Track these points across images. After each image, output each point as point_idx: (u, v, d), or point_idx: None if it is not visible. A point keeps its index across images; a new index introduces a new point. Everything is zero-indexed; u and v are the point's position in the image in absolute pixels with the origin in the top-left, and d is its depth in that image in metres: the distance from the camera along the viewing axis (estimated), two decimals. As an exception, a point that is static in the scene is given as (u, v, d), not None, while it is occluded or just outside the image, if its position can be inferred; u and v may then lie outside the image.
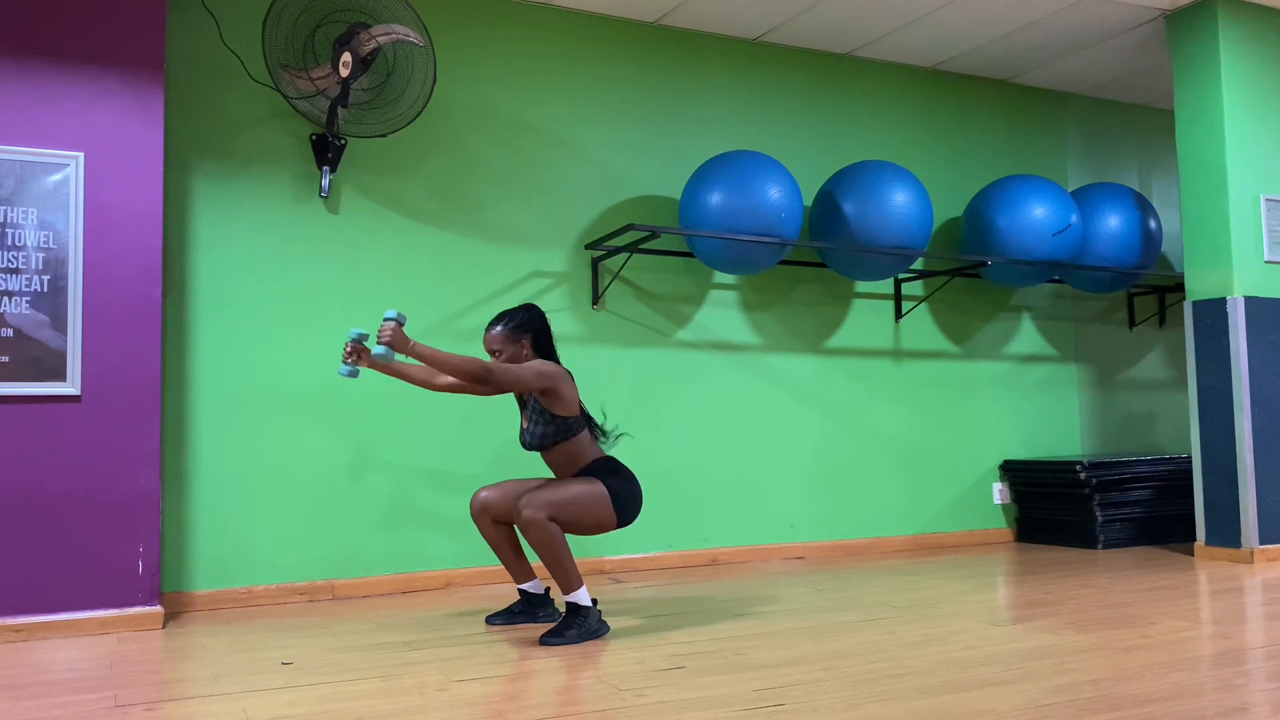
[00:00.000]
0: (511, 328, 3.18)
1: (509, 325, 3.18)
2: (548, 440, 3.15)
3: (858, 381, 5.07)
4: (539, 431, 3.15)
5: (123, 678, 2.66)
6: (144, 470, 3.39)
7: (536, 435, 3.16)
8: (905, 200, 4.58)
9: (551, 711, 2.26)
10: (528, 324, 3.20)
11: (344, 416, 4.01)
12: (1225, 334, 4.49)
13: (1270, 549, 4.42)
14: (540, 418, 3.15)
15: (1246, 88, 4.61)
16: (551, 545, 2.97)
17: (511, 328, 3.18)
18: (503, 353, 3.17)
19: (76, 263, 3.35)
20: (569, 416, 3.14)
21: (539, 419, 3.15)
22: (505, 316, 3.20)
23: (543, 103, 4.49)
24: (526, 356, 3.19)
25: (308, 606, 3.75)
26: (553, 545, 2.97)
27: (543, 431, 3.15)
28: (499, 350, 3.17)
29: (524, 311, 3.21)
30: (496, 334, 3.17)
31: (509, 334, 3.17)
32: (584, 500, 3.04)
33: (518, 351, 3.18)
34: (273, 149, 3.98)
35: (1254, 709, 2.18)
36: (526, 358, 3.18)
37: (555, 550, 2.98)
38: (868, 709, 2.24)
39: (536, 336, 3.21)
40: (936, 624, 3.18)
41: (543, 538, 2.96)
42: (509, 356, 3.17)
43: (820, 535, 4.91)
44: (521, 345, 3.18)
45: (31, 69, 3.35)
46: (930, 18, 4.73)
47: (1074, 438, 5.63)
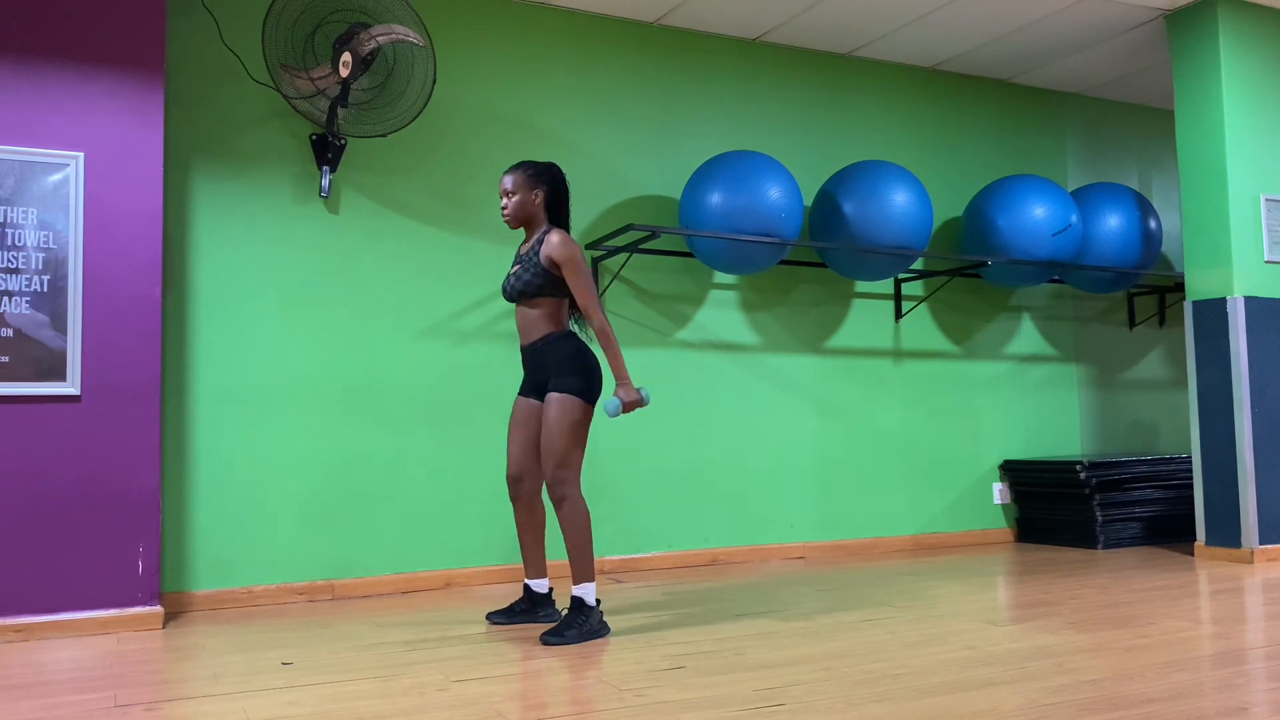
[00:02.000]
0: (530, 174, 3.22)
1: (529, 172, 3.23)
2: (530, 288, 3.16)
3: (858, 381, 5.07)
4: (526, 278, 3.16)
5: (123, 678, 2.66)
6: (144, 470, 3.39)
7: (522, 281, 3.17)
8: (905, 200, 4.58)
9: (552, 711, 2.26)
10: (546, 176, 3.24)
11: (344, 416, 4.01)
12: (1225, 334, 4.49)
13: (1270, 549, 4.42)
14: (534, 268, 3.16)
15: (1246, 88, 4.61)
16: (580, 530, 3.06)
17: (530, 174, 3.22)
18: (514, 195, 3.21)
19: (76, 262, 3.35)
20: (562, 280, 3.16)
21: (533, 269, 3.16)
22: (528, 163, 3.24)
23: (543, 102, 4.49)
24: (535, 205, 3.22)
25: (308, 606, 3.75)
26: (581, 530, 3.06)
27: (529, 279, 3.16)
28: (511, 191, 3.21)
29: (546, 166, 3.26)
30: (515, 176, 3.22)
31: (526, 179, 3.21)
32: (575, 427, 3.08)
33: (529, 198, 3.22)
34: (273, 149, 3.98)
35: (1254, 709, 2.18)
36: (535, 207, 3.22)
37: (582, 535, 3.06)
38: (868, 709, 2.24)
39: (551, 192, 3.24)
40: (936, 624, 3.18)
41: (574, 519, 3.05)
42: (520, 200, 3.21)
43: (820, 535, 4.91)
44: (534, 194, 3.22)
45: (31, 69, 3.35)
46: (930, 18, 4.73)
47: (1074, 438, 5.63)
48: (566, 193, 3.28)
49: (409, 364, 4.13)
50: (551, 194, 3.25)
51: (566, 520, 3.06)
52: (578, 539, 3.06)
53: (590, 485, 4.40)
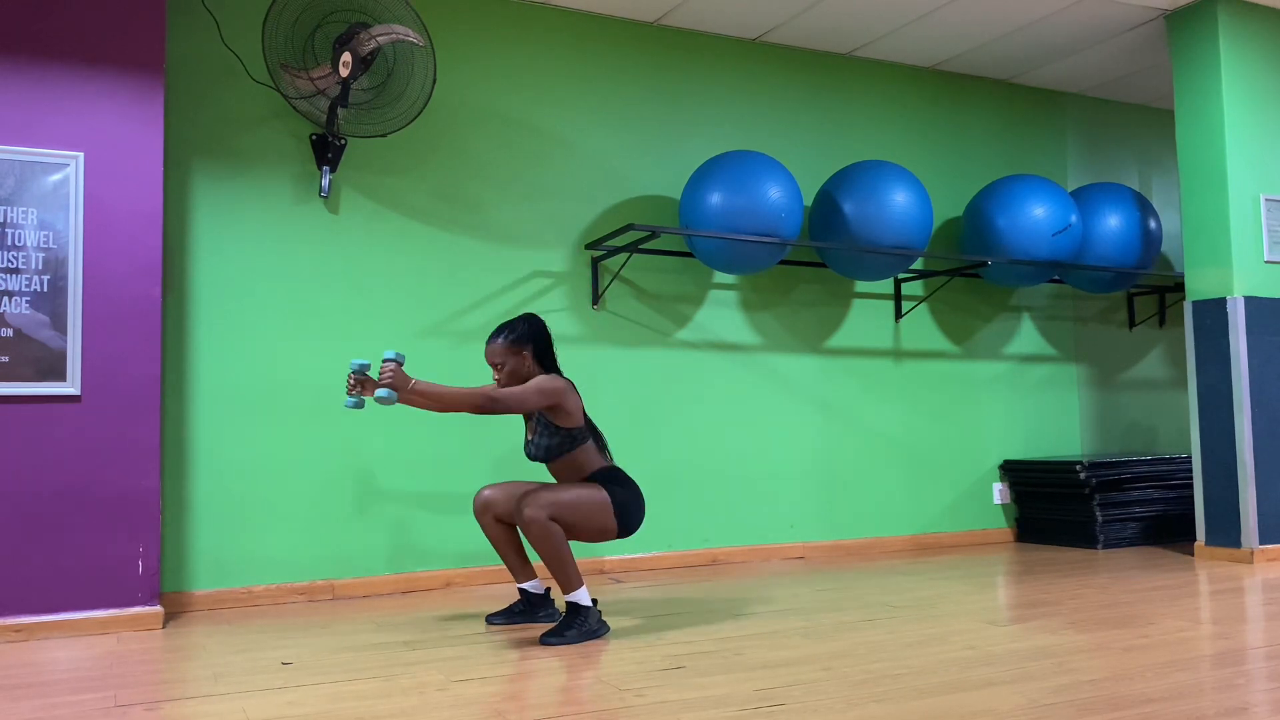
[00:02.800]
0: (512, 340, 3.16)
1: (510, 338, 3.16)
2: (553, 452, 3.14)
3: (858, 381, 5.07)
4: (543, 444, 3.15)
5: (123, 678, 2.66)
6: (144, 470, 3.39)
7: (541, 447, 3.16)
8: (905, 200, 4.58)
9: (551, 711, 2.26)
10: (528, 335, 3.18)
11: (344, 416, 4.01)
12: (1225, 334, 4.49)
13: (1270, 549, 4.42)
14: (545, 430, 3.14)
15: (1246, 88, 4.61)
16: (552, 544, 2.97)
17: (512, 340, 3.16)
18: (504, 365, 3.16)
19: (76, 263, 3.35)
20: (573, 428, 3.13)
21: (543, 431, 3.15)
22: (505, 329, 3.18)
23: (543, 102, 4.49)
24: (528, 367, 3.17)
25: (308, 606, 3.75)
26: (553, 544, 2.97)
27: (547, 444, 3.14)
28: (500, 363, 3.16)
29: (524, 323, 3.20)
30: (497, 347, 3.16)
31: (509, 346, 3.16)
32: (586, 504, 3.04)
33: (519, 363, 3.16)
34: (273, 149, 3.98)
35: (1254, 709, 2.18)
36: (528, 368, 3.17)
37: (556, 549, 2.98)
38: (868, 709, 2.24)
39: (537, 346, 3.19)
40: (936, 624, 3.18)
41: (543, 537, 2.96)
42: (511, 368, 3.16)
43: (820, 535, 4.91)
44: (523, 357, 3.17)
45: (31, 69, 3.35)
46: (930, 18, 4.73)
47: (1074, 438, 5.63)
48: (549, 339, 3.23)
49: (409, 364, 4.13)
50: (537, 347, 3.19)
51: (537, 540, 2.97)
52: (554, 555, 2.98)
53: (590, 485, 4.40)
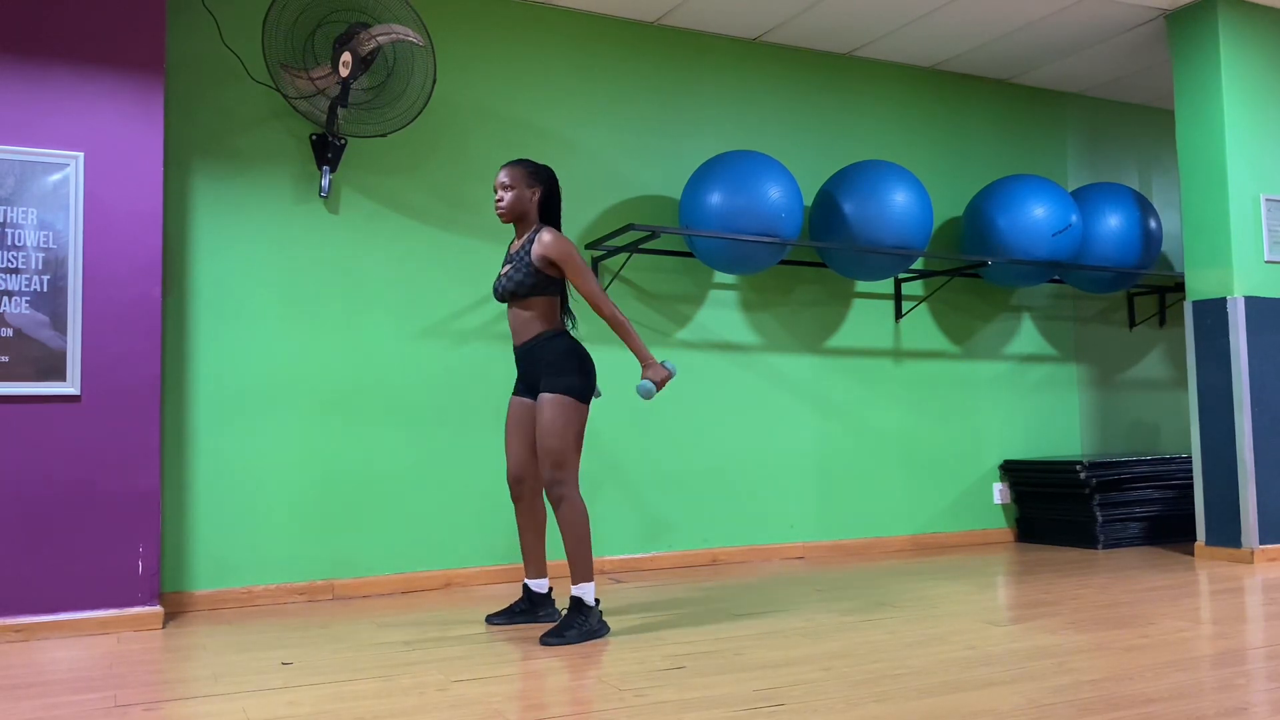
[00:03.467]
0: (529, 171, 3.24)
1: (527, 168, 3.24)
2: (522, 288, 3.15)
3: (858, 381, 5.07)
4: (518, 278, 3.16)
5: (123, 678, 2.66)
6: (144, 470, 3.39)
7: (514, 281, 3.16)
8: (905, 200, 4.58)
9: (552, 711, 2.26)
10: (544, 176, 3.26)
11: (344, 415, 4.01)
12: (1225, 334, 4.49)
13: (1270, 549, 4.42)
14: (526, 268, 3.15)
15: (1246, 88, 4.61)
16: (579, 530, 3.06)
17: (529, 171, 3.24)
18: (512, 189, 3.21)
19: (76, 263, 3.35)
20: (556, 279, 3.17)
21: (524, 268, 3.15)
22: (526, 161, 3.26)
23: (542, 102, 4.49)
24: (529, 203, 3.22)
25: (308, 606, 3.75)
26: (580, 530, 3.06)
27: (520, 279, 3.15)
28: (509, 184, 3.22)
29: (545, 168, 3.27)
30: (516, 171, 3.22)
31: (524, 175, 3.22)
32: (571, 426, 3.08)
33: (523, 194, 3.22)
34: (273, 149, 3.98)
35: (1254, 709, 2.18)
36: (528, 204, 3.22)
37: (580, 536, 3.06)
38: (868, 709, 2.24)
39: (545, 193, 3.25)
40: (936, 624, 3.18)
41: (573, 519, 3.06)
42: (516, 195, 3.21)
43: (820, 535, 4.91)
44: (531, 192, 3.23)
45: (31, 69, 3.35)
46: (930, 18, 4.73)
47: (1074, 438, 5.63)
48: (559, 198, 3.29)
49: (409, 363, 4.13)
50: (546, 194, 3.25)
51: (565, 521, 3.06)
52: (576, 539, 3.06)
53: (591, 485, 4.40)
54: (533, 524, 3.33)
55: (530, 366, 3.20)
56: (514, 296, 3.19)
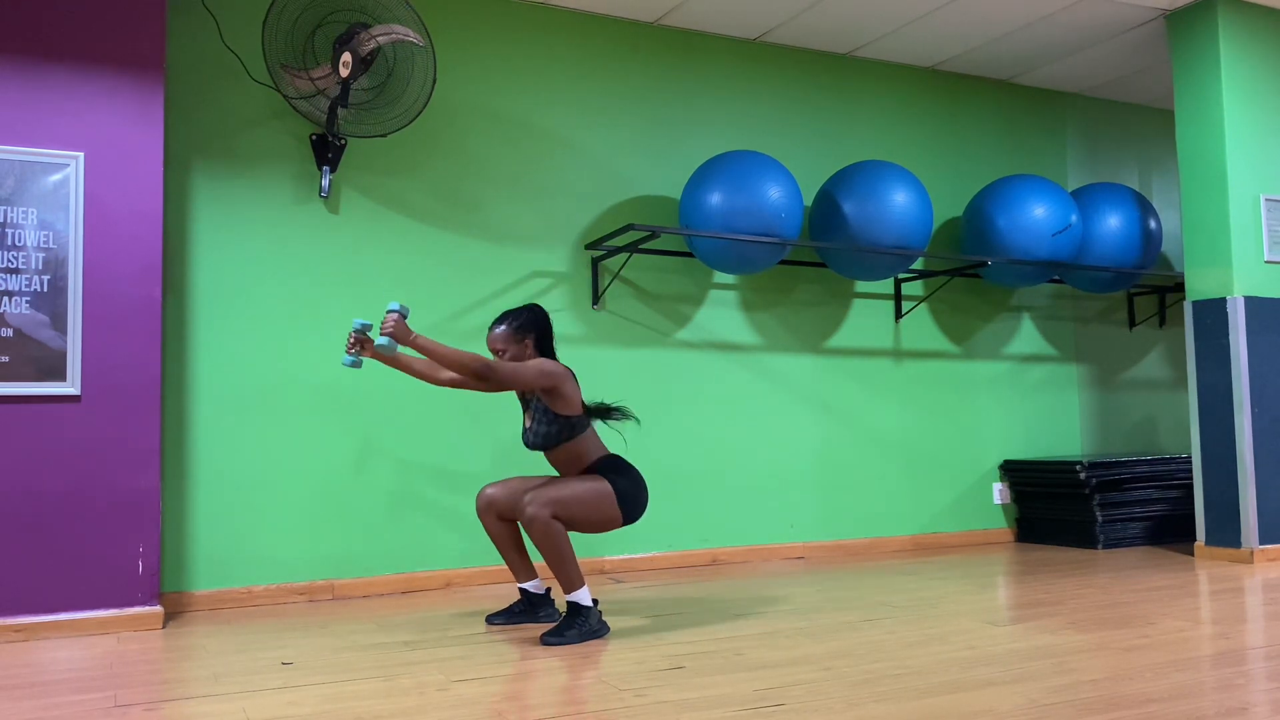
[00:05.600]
0: (515, 327, 3.17)
1: (513, 325, 3.17)
2: (551, 440, 3.15)
3: (858, 381, 5.07)
4: (542, 431, 3.15)
5: (123, 678, 2.66)
6: (144, 470, 3.39)
7: (540, 435, 3.16)
8: (905, 200, 4.58)
9: (552, 711, 2.26)
10: (531, 324, 3.19)
11: (344, 415, 4.01)
12: (1225, 334, 4.49)
13: (1270, 549, 4.42)
14: (544, 417, 3.14)
15: (1246, 88, 4.61)
16: (555, 543, 2.98)
17: (515, 327, 3.17)
18: (506, 352, 3.16)
19: (76, 263, 3.35)
20: (572, 415, 3.14)
21: (542, 418, 3.15)
22: (509, 316, 3.19)
23: (543, 102, 4.49)
24: (529, 356, 3.18)
25: (308, 606, 3.75)
26: (556, 543, 2.98)
27: (545, 431, 3.14)
28: (502, 350, 3.16)
29: (528, 311, 3.21)
30: (500, 333, 3.17)
31: (512, 333, 3.16)
32: (589, 497, 3.04)
33: (521, 351, 3.17)
34: (273, 149, 3.98)
35: (1254, 709, 2.18)
36: (529, 358, 3.18)
37: (558, 548, 2.98)
38: (868, 709, 2.24)
39: (540, 337, 3.20)
40: (936, 624, 3.18)
41: (546, 535, 2.97)
42: (512, 356, 3.16)
43: (820, 535, 4.91)
44: (525, 345, 3.17)
45: (31, 69, 3.35)
46: (930, 18, 4.73)
47: (1074, 438, 5.63)
48: (550, 329, 3.24)
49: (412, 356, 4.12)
50: (539, 338, 3.21)
51: (540, 538, 2.98)
52: (556, 553, 2.99)
53: (590, 485, 4.40)
54: (506, 534, 3.29)
55: None
56: (547, 449, 3.19)
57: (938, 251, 5.24)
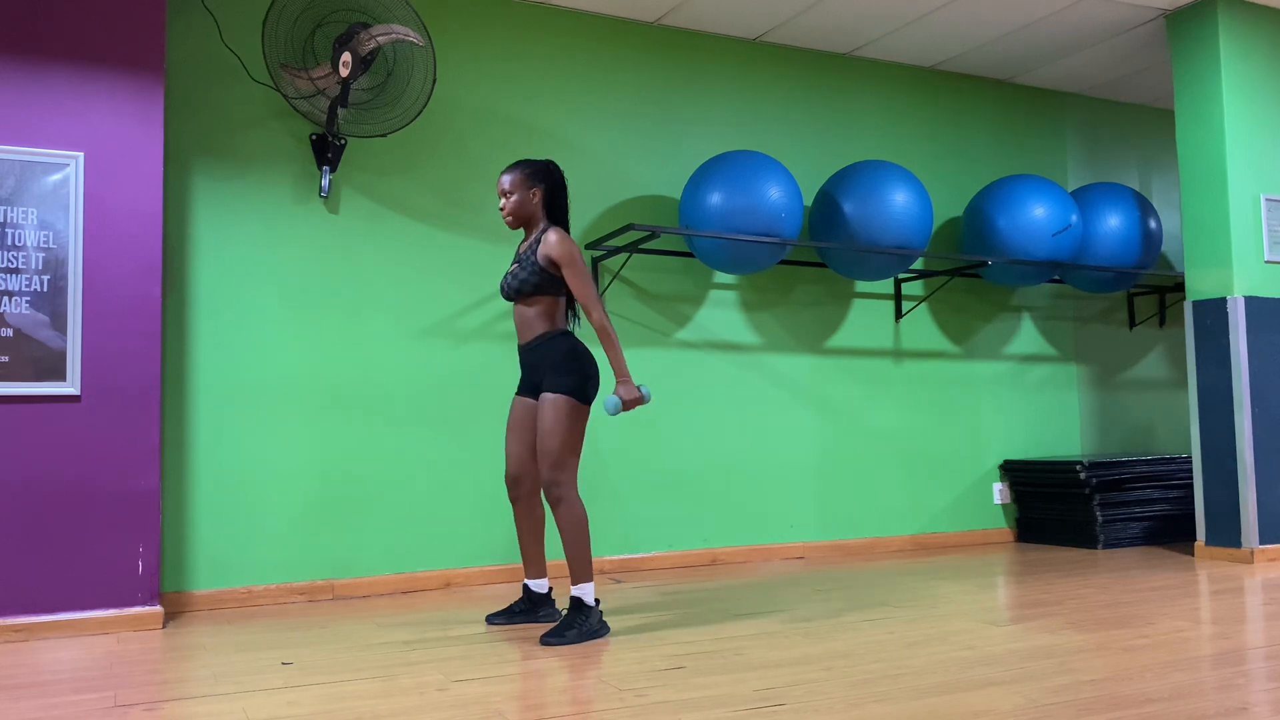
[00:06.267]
0: (529, 173, 3.21)
1: (526, 171, 3.21)
2: (527, 287, 3.15)
3: (858, 381, 5.07)
4: (523, 277, 3.16)
5: (123, 678, 2.66)
6: (144, 470, 3.39)
7: (519, 280, 3.16)
8: (905, 200, 4.58)
9: (552, 711, 2.26)
10: (544, 175, 3.23)
11: (344, 416, 4.01)
12: (1225, 334, 4.49)
13: (1270, 549, 4.42)
14: (531, 268, 3.15)
15: (1246, 88, 4.61)
16: (577, 533, 3.05)
17: (529, 173, 3.21)
18: (513, 195, 3.20)
19: (76, 263, 3.35)
20: (561, 279, 3.15)
21: (529, 268, 3.15)
22: (526, 163, 3.23)
23: (543, 103, 4.49)
24: (534, 205, 3.21)
25: (308, 606, 3.75)
26: (578, 533, 3.05)
27: (525, 277, 3.15)
28: (510, 192, 3.20)
29: (544, 164, 3.25)
30: (513, 176, 3.21)
31: (524, 178, 3.20)
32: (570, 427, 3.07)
33: (526, 198, 3.20)
34: (273, 149, 3.98)
35: (1254, 709, 2.18)
36: (533, 206, 3.21)
37: (579, 536, 3.05)
38: (868, 709, 2.24)
39: (549, 191, 3.23)
40: (936, 624, 3.18)
41: (571, 520, 3.05)
42: (519, 200, 3.20)
43: (820, 535, 4.91)
44: (532, 194, 3.21)
45: (31, 69, 3.35)
46: (930, 18, 4.73)
47: (1074, 438, 5.63)
48: (565, 191, 3.27)
49: (409, 363, 4.13)
50: (549, 192, 3.23)
51: (563, 522, 3.06)
52: (575, 540, 3.05)
53: (590, 485, 4.40)
54: (531, 524, 3.33)
55: (533, 367, 3.20)
56: (519, 295, 3.19)
57: (938, 251, 5.23)
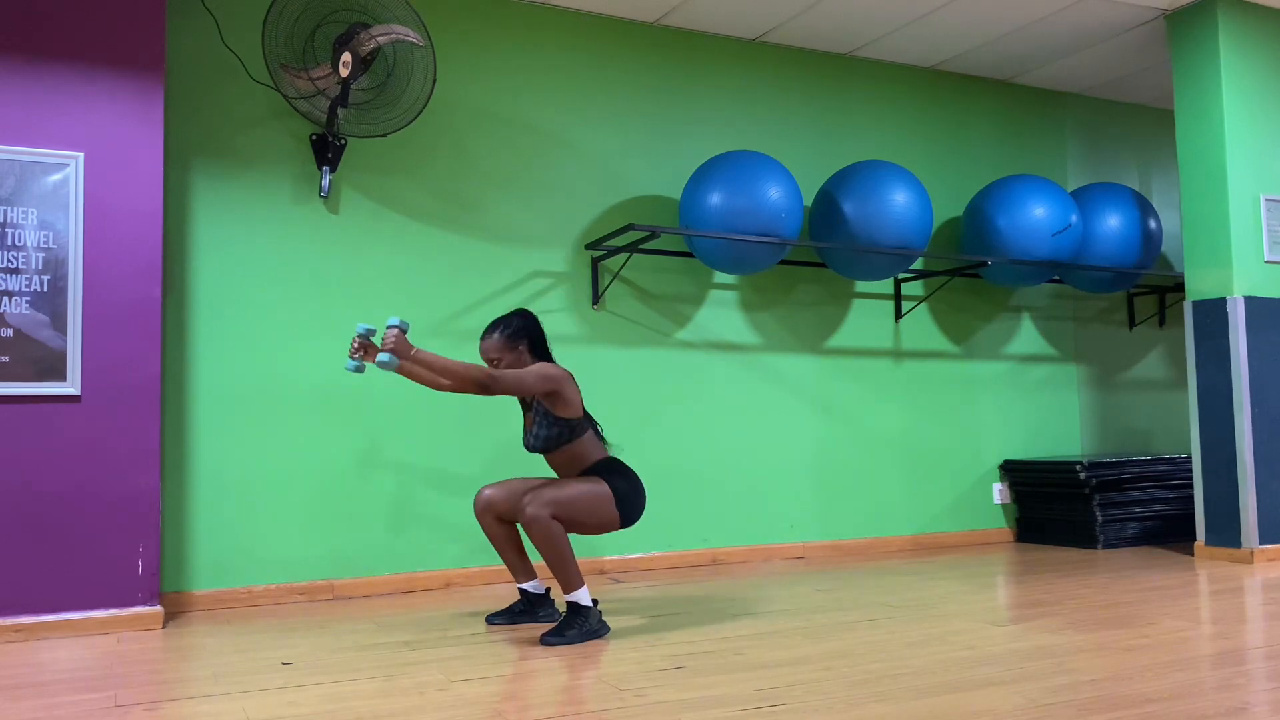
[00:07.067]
0: (508, 335, 3.16)
1: (505, 332, 3.16)
2: (551, 443, 3.15)
3: (858, 381, 5.07)
4: (542, 434, 3.15)
5: (123, 678, 2.66)
6: (144, 470, 3.39)
7: (540, 438, 3.16)
8: (905, 200, 4.58)
9: (552, 711, 2.26)
10: (523, 329, 3.19)
11: (344, 416, 4.01)
12: (1225, 334, 4.49)
13: (1270, 549, 4.42)
14: (544, 420, 3.14)
15: (1246, 88, 4.61)
16: (554, 544, 2.97)
17: (508, 335, 3.16)
18: (501, 360, 3.15)
19: (76, 263, 3.35)
20: (572, 418, 3.13)
21: (542, 421, 3.15)
22: (500, 324, 3.18)
23: (543, 103, 4.49)
24: (526, 362, 3.17)
25: (308, 606, 3.75)
26: (555, 544, 2.97)
27: (546, 434, 3.14)
28: (497, 359, 3.15)
29: (518, 318, 3.20)
30: (493, 342, 3.15)
31: (506, 341, 3.16)
32: (588, 499, 3.04)
33: (516, 358, 3.16)
34: (273, 149, 3.98)
35: (1254, 709, 2.18)
36: (526, 364, 3.17)
37: (558, 549, 2.98)
38: (868, 709, 2.24)
39: (533, 341, 3.20)
40: (936, 624, 3.18)
41: (546, 536, 2.96)
42: (508, 364, 3.15)
43: (820, 535, 4.91)
44: (520, 352, 3.17)
45: (31, 69, 3.35)
46: (930, 18, 4.73)
47: (1074, 438, 5.63)
48: (543, 333, 3.23)
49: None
50: (533, 343, 3.20)
51: (539, 539, 2.97)
52: (556, 554, 2.98)
53: (590, 485, 4.40)
54: (505, 535, 3.28)
55: None
56: (547, 452, 3.18)
57: (938, 251, 5.23)
